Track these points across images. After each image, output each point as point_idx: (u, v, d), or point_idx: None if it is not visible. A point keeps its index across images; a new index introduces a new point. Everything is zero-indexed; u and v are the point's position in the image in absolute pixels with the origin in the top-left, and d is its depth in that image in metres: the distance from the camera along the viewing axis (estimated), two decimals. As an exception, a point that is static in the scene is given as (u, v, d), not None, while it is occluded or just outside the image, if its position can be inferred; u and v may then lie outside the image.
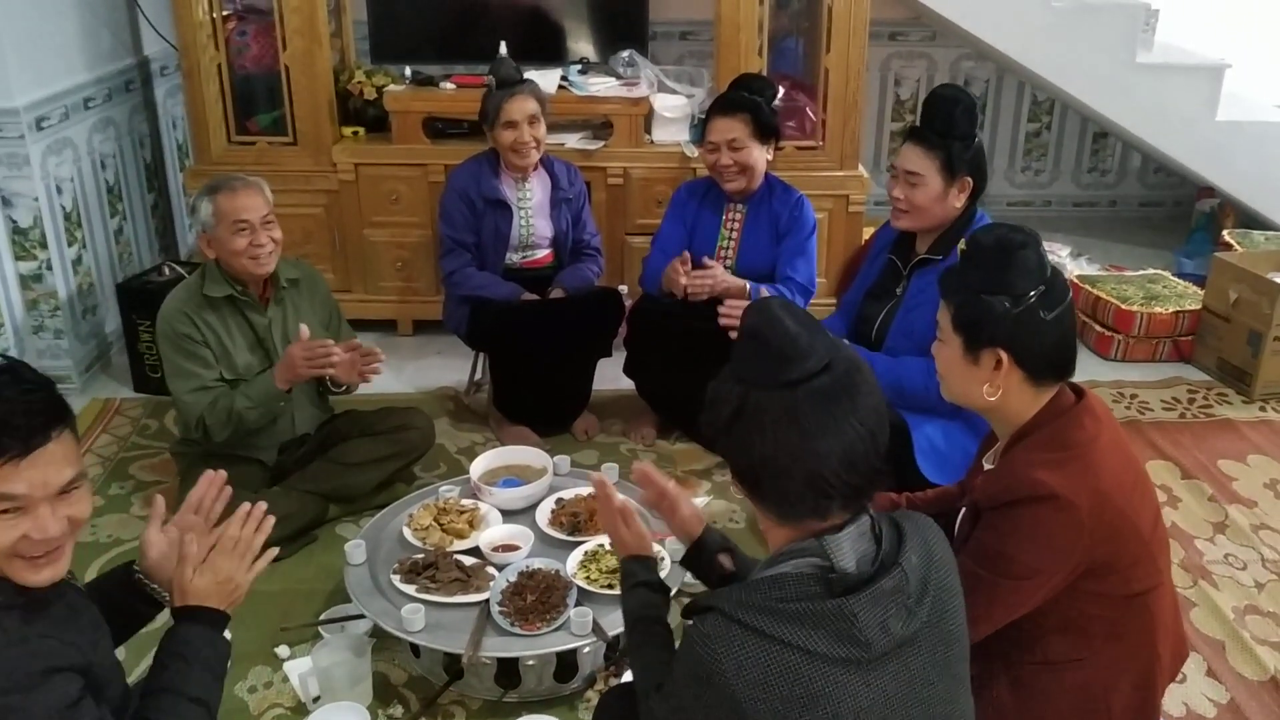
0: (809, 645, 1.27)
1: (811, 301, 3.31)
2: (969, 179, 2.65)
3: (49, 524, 1.42)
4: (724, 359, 1.41)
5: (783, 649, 1.27)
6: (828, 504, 1.33)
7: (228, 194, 2.72)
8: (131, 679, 2.34)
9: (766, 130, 3.18)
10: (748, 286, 3.16)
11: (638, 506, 1.87)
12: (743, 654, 1.28)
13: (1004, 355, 1.72)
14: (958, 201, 2.67)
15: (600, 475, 1.89)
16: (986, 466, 1.87)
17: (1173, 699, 2.30)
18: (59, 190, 3.65)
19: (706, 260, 3.21)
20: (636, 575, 1.76)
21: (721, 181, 3.23)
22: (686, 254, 3.19)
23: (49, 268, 3.60)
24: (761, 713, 1.27)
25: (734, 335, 1.43)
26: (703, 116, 3.43)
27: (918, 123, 2.74)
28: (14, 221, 3.51)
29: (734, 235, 3.31)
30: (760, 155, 3.19)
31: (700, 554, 1.81)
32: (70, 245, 3.72)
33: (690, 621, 1.38)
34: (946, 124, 2.63)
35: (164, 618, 2.54)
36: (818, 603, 1.29)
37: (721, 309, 3.00)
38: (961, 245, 1.81)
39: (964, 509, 1.85)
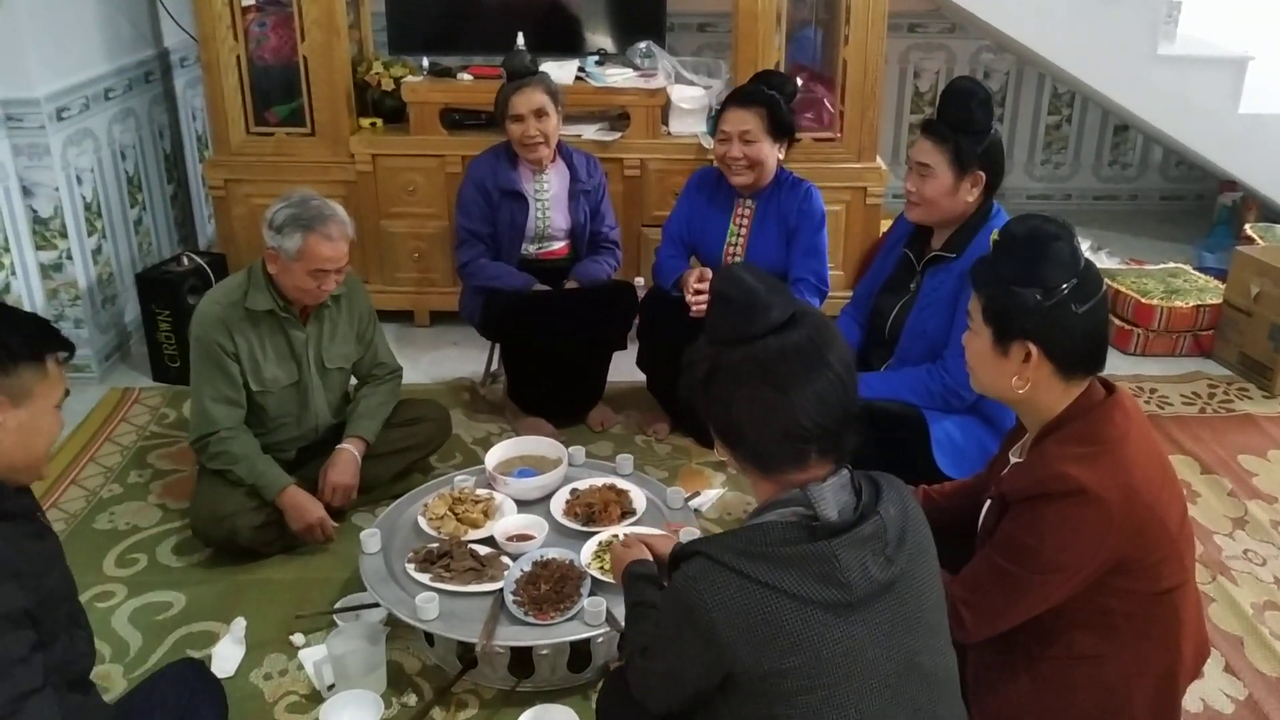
0: (791, 588, 1.30)
1: (830, 295, 3.28)
2: (981, 173, 2.63)
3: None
4: None
5: (765, 591, 1.30)
6: (806, 450, 1.37)
7: (321, 239, 2.61)
8: (149, 665, 2.38)
9: (781, 128, 3.13)
10: None
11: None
12: (725, 594, 1.31)
13: (1034, 348, 1.71)
14: (969, 195, 2.65)
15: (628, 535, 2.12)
16: (1014, 459, 1.86)
17: (1190, 695, 2.27)
18: (79, 180, 3.67)
19: (707, 273, 3.18)
20: (636, 571, 1.85)
21: (728, 174, 3.19)
22: (706, 271, 3.18)
23: (69, 257, 3.62)
24: (742, 653, 1.30)
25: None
26: (719, 107, 3.41)
27: (934, 115, 2.72)
28: (34, 211, 3.53)
29: (743, 231, 3.27)
30: (771, 153, 3.15)
31: None
32: (90, 235, 3.75)
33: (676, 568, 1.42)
34: (963, 116, 2.62)
35: (180, 605, 2.58)
36: (801, 546, 1.32)
37: (691, 299, 3.11)
38: (994, 235, 1.79)
39: (990, 501, 1.83)
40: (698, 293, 3.12)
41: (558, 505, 2.62)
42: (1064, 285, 1.69)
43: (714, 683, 1.35)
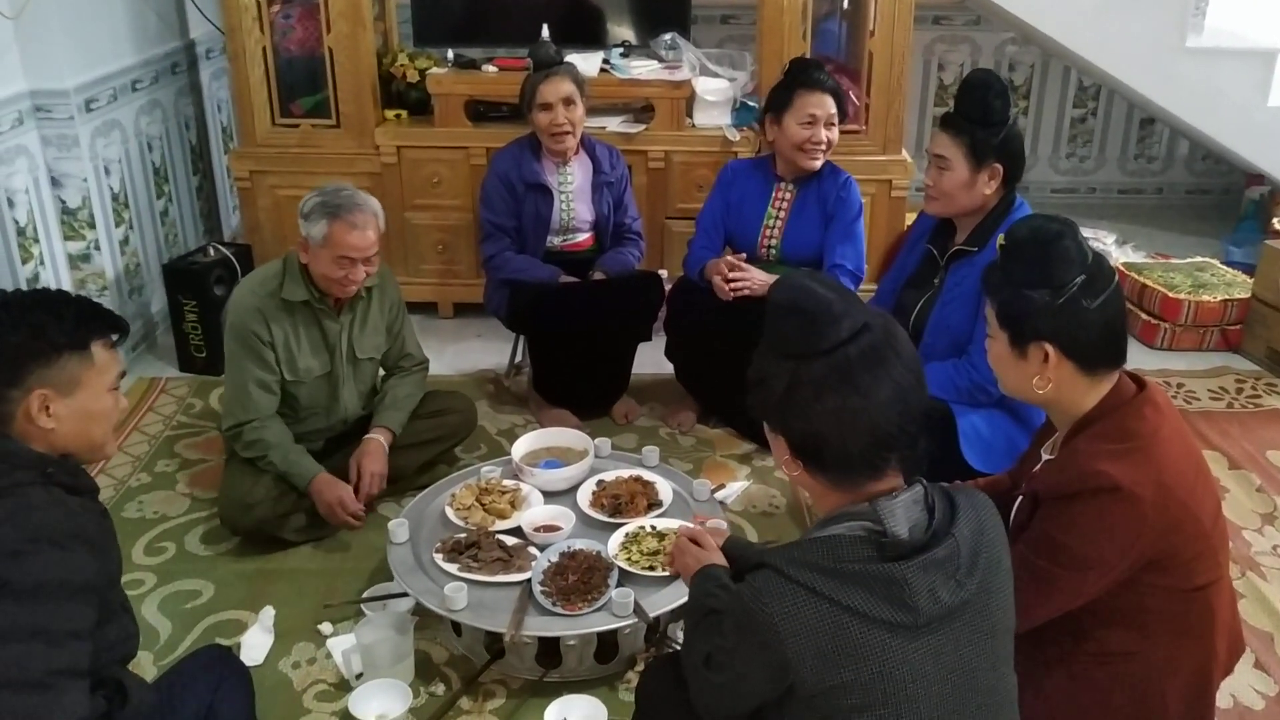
0: (858, 606, 1.29)
1: (860, 287, 3.28)
2: (998, 166, 2.62)
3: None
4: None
5: (831, 606, 1.29)
6: (887, 457, 1.36)
7: (346, 227, 2.61)
8: (178, 652, 2.39)
9: (843, 114, 3.25)
10: None
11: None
12: (791, 607, 1.30)
13: (1050, 348, 1.70)
14: (987, 189, 2.64)
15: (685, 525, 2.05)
16: (1045, 456, 1.85)
17: (1220, 691, 2.23)
18: (107, 171, 3.69)
19: (741, 259, 3.22)
20: (716, 575, 1.73)
21: (802, 159, 3.20)
22: (735, 260, 3.20)
23: (97, 248, 3.64)
24: (806, 666, 1.29)
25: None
26: (782, 93, 3.27)
27: (952, 108, 2.72)
28: (63, 202, 3.56)
29: (781, 215, 3.29)
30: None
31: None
32: (118, 226, 3.77)
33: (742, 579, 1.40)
34: (979, 109, 2.61)
35: (209, 593, 2.60)
36: (870, 565, 1.31)
37: (730, 283, 3.12)
38: (1001, 239, 1.78)
39: (1020, 498, 1.83)
40: (732, 280, 3.14)
41: (584, 496, 2.62)
42: (1073, 283, 1.68)
43: (777, 694, 1.34)
